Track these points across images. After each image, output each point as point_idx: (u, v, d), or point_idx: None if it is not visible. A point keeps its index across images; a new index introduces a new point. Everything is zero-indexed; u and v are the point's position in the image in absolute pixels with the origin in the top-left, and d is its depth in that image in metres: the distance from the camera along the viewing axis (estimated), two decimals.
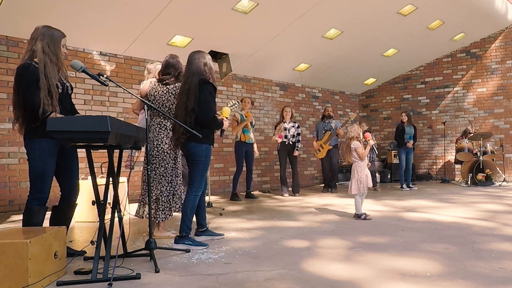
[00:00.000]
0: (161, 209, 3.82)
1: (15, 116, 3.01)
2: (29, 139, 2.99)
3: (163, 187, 3.84)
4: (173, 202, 3.88)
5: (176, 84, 3.89)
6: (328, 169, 8.06)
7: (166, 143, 3.84)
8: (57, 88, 3.01)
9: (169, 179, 3.87)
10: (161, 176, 3.83)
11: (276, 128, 7.52)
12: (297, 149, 7.47)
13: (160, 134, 3.85)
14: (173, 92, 3.87)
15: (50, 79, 2.93)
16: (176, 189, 3.89)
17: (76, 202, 3.30)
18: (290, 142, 7.40)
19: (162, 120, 3.87)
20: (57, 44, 3.05)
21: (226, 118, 3.69)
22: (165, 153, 3.84)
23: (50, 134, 2.54)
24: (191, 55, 3.61)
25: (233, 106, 4.28)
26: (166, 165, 3.85)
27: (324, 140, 7.88)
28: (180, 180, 3.96)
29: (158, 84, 3.95)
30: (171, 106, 3.86)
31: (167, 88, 3.89)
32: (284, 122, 7.46)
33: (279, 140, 7.38)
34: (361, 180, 4.79)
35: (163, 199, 3.82)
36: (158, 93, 3.90)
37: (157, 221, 3.85)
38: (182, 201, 3.70)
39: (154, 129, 3.88)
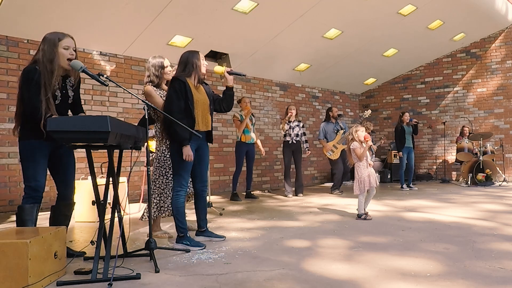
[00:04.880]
0: (165, 206, 3.87)
1: (17, 123, 3.04)
2: (21, 140, 3.02)
3: (165, 186, 3.88)
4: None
5: None
6: (342, 169, 7.89)
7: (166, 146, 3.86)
8: (54, 99, 3.01)
9: (171, 178, 3.89)
10: (163, 177, 3.87)
11: (282, 120, 7.51)
12: (307, 149, 7.52)
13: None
14: None
15: (47, 88, 2.93)
16: None
17: (74, 201, 3.30)
18: (294, 141, 7.40)
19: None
20: (52, 49, 2.95)
21: (222, 74, 3.61)
22: (164, 155, 3.86)
23: (50, 134, 2.54)
24: (182, 55, 3.59)
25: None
26: (166, 167, 3.87)
27: (337, 140, 7.82)
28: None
29: None
30: None
31: None
32: (290, 122, 7.44)
33: (288, 120, 7.37)
34: (361, 180, 4.82)
35: (164, 195, 3.88)
36: None
37: (159, 216, 3.90)
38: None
39: (155, 131, 3.93)
